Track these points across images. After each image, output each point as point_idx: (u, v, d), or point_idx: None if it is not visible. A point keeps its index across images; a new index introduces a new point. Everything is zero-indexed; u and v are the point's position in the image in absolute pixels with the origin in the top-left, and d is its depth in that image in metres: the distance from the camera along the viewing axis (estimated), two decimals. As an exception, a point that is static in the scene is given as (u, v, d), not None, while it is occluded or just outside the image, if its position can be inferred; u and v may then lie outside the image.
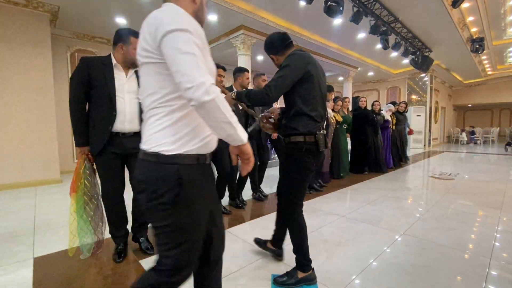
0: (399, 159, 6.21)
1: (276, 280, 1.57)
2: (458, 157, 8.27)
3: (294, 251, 1.57)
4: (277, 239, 1.82)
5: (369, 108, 5.30)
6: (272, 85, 1.39)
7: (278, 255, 1.83)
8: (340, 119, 4.40)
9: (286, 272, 1.59)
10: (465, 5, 5.50)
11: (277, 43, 1.58)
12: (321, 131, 1.50)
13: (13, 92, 4.05)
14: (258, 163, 3.26)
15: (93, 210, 1.81)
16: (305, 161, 1.49)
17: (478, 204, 3.14)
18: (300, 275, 1.55)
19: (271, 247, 1.84)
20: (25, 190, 3.98)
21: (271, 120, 1.66)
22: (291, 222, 1.59)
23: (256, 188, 3.37)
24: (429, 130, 10.45)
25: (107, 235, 2.30)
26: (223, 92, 1.72)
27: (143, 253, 1.91)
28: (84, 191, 1.75)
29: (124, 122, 1.77)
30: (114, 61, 1.77)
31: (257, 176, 3.36)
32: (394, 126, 5.90)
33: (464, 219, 2.66)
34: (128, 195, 1.86)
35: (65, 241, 2.14)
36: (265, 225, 2.49)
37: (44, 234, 2.30)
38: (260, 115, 1.72)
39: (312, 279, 1.55)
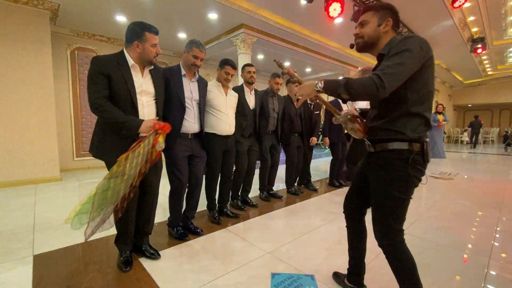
0: None
1: None
2: (458, 157, 8.28)
3: None
4: (353, 273, 1.46)
5: None
6: (389, 73, 1.02)
7: None
8: None
9: None
10: (466, 4, 5.49)
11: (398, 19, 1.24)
12: (428, 137, 1.14)
13: (13, 90, 4.05)
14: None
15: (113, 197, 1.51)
16: (411, 175, 1.12)
17: (478, 204, 3.15)
18: None
19: (348, 285, 1.46)
20: (24, 187, 3.98)
21: (359, 119, 1.29)
22: (394, 255, 1.20)
23: (264, 188, 3.29)
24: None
25: (108, 232, 2.30)
26: (298, 81, 1.43)
27: (141, 253, 1.88)
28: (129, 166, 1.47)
29: None
30: (131, 62, 1.62)
31: (267, 176, 3.28)
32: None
33: (463, 218, 2.66)
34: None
35: (65, 239, 2.15)
36: (265, 224, 2.49)
37: (43, 232, 2.30)
38: (346, 113, 1.32)
39: None
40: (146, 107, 1.69)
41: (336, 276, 1.59)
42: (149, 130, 1.58)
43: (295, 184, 3.70)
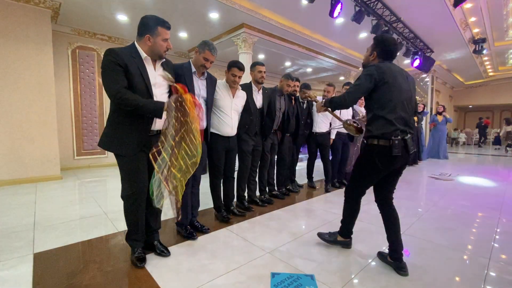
0: (417, 157, 6.41)
1: (319, 233, 2.06)
2: (458, 157, 8.27)
3: (342, 220, 1.96)
4: (393, 250, 1.72)
5: None
6: (350, 91, 1.65)
7: (398, 269, 1.66)
8: None
9: (329, 232, 2.04)
10: (467, 5, 5.48)
11: (388, 50, 1.70)
12: (399, 136, 1.56)
13: (14, 88, 4.05)
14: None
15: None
16: (374, 161, 1.63)
17: (478, 205, 3.14)
18: (339, 238, 1.96)
19: (390, 261, 1.74)
20: (25, 186, 3.99)
21: (355, 124, 1.92)
22: (347, 204, 1.90)
23: (264, 189, 3.24)
24: (430, 131, 10.45)
25: (109, 230, 2.30)
26: (314, 100, 2.25)
27: (151, 249, 1.88)
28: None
29: (156, 119, 1.68)
30: (144, 55, 1.63)
31: (266, 175, 3.22)
32: (416, 124, 6.14)
33: (463, 219, 2.66)
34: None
35: (65, 237, 2.16)
36: (265, 224, 2.50)
37: (44, 230, 2.30)
38: (346, 119, 2.01)
39: (347, 245, 1.96)
40: (160, 99, 1.70)
41: (381, 255, 1.86)
42: (171, 104, 1.55)
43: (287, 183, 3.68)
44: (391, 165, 1.63)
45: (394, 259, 1.70)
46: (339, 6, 4.32)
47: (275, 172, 3.48)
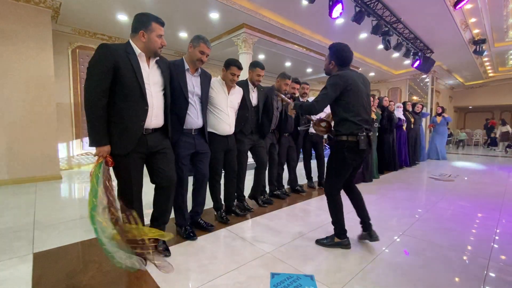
0: (414, 158, 6.41)
1: (317, 240, 2.09)
2: (458, 158, 8.28)
3: (332, 222, 2.04)
4: (363, 223, 2.04)
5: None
6: (318, 100, 1.84)
7: (371, 237, 1.99)
8: (375, 117, 4.38)
9: (326, 236, 2.11)
10: (467, 6, 5.48)
11: (344, 57, 1.89)
12: (364, 133, 1.82)
13: (14, 88, 4.05)
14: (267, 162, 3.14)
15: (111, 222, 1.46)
16: (343, 155, 1.84)
17: (478, 206, 3.15)
18: (336, 240, 2.03)
19: (364, 234, 2.04)
20: (25, 185, 3.99)
21: (323, 124, 2.09)
22: (330, 201, 2.02)
23: (263, 190, 3.18)
24: (430, 131, 10.46)
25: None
26: (285, 101, 2.46)
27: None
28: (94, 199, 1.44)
29: (151, 116, 1.65)
30: (138, 51, 1.60)
31: (266, 176, 3.15)
32: (412, 126, 6.19)
33: (463, 220, 2.66)
34: (146, 196, 1.84)
35: (65, 237, 2.16)
36: (265, 224, 2.50)
37: (44, 230, 2.30)
38: (315, 119, 2.14)
39: (346, 245, 2.00)
40: (155, 97, 1.68)
41: (359, 237, 2.10)
42: (99, 154, 1.51)
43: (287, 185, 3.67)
44: (359, 158, 1.88)
45: (366, 229, 2.02)
46: (338, 6, 4.32)
47: (276, 172, 3.47)
